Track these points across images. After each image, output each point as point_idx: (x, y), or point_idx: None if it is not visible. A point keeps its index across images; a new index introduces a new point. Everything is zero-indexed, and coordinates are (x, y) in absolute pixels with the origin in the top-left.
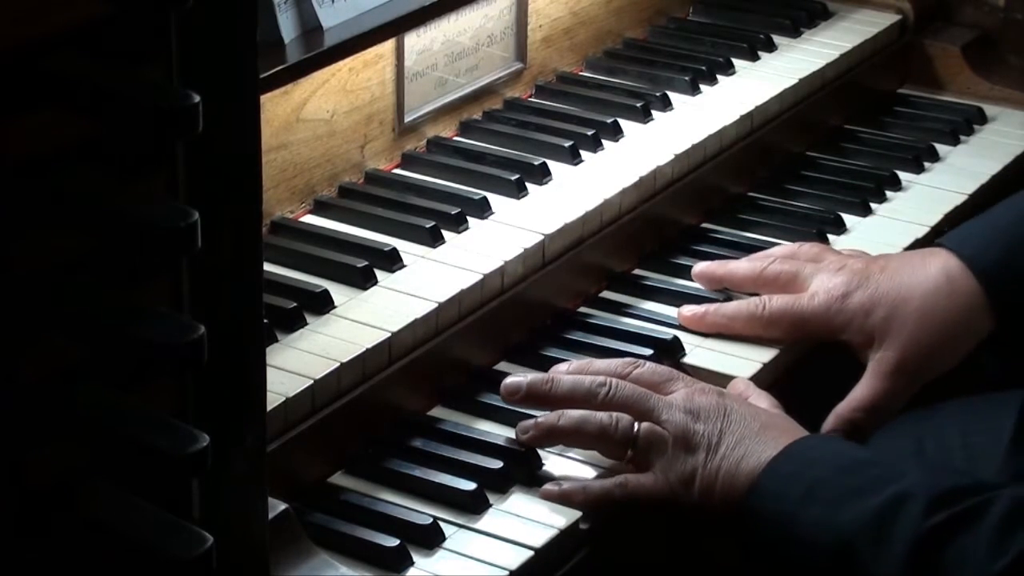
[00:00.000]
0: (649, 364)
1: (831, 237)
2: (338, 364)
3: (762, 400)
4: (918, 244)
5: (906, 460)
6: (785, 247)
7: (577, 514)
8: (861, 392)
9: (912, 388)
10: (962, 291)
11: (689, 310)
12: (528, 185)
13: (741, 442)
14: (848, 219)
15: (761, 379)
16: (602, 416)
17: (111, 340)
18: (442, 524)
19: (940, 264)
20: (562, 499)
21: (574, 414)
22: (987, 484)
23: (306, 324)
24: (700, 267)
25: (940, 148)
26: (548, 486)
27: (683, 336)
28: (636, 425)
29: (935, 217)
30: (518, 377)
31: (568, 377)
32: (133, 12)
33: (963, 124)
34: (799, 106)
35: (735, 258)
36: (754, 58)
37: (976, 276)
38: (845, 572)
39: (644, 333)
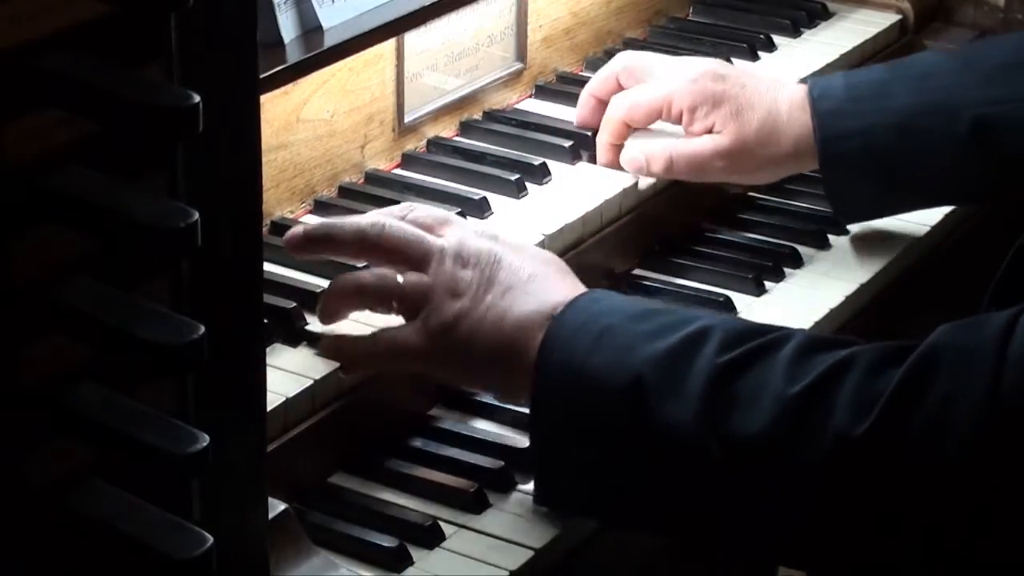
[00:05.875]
0: (424, 207)
1: (831, 238)
2: (338, 364)
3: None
4: (919, 243)
5: (699, 310)
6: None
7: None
8: (695, 145)
9: (718, 174)
10: (797, 122)
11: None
12: (528, 185)
13: (509, 291)
14: None
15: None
16: (366, 275)
17: (111, 340)
18: (442, 524)
19: (791, 93)
20: (331, 351)
21: (342, 279)
22: (780, 327)
23: (306, 323)
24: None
25: None
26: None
27: None
28: (400, 277)
29: (937, 216)
30: (298, 226)
31: (344, 219)
32: (133, 12)
33: None
34: None
35: (735, 258)
36: (754, 58)
37: (812, 111)
38: (635, 415)
39: None
